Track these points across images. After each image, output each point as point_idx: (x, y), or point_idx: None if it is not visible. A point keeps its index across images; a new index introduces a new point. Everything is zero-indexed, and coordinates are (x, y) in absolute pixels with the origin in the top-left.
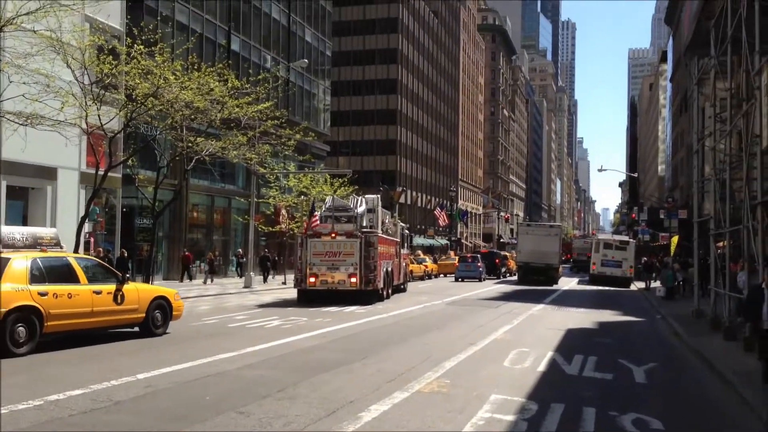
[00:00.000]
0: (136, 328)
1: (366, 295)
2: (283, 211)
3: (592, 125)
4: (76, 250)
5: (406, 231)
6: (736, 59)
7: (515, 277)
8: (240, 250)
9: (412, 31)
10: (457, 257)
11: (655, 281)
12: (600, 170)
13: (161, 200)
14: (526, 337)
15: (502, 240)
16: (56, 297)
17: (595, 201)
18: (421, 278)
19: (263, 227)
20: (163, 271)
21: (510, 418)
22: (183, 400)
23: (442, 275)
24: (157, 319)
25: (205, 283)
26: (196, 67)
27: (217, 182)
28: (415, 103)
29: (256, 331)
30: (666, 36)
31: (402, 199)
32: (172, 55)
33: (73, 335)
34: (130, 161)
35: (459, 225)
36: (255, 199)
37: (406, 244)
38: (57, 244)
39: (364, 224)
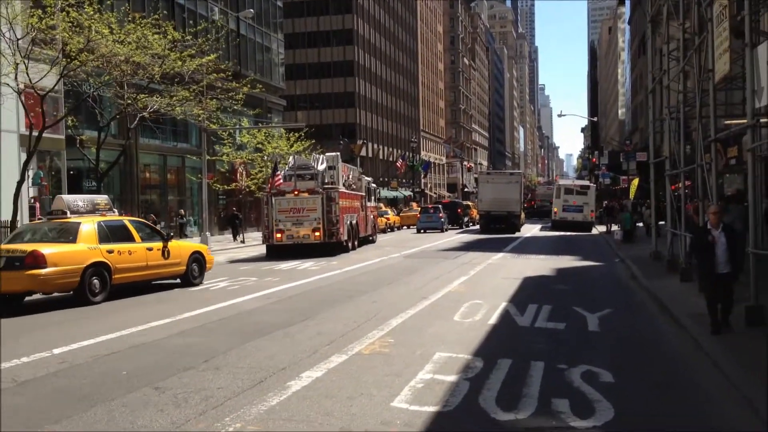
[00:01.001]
0: (178, 280)
1: (330, 247)
2: (240, 168)
3: (553, 71)
4: (14, 216)
5: (373, 185)
6: None
7: (478, 227)
8: (181, 210)
9: None
10: (419, 208)
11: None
12: (560, 115)
13: (108, 161)
14: (482, 288)
15: (466, 189)
16: (120, 254)
17: (559, 147)
18: (384, 231)
19: (218, 185)
20: None
21: (452, 378)
22: (95, 377)
23: (405, 227)
24: (194, 271)
25: None
26: (130, 19)
27: (169, 141)
28: (373, 54)
29: (199, 294)
30: None
31: (363, 152)
32: (101, 6)
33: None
34: (70, 121)
35: (423, 176)
36: (207, 157)
37: (373, 198)
38: (110, 209)
39: (326, 181)
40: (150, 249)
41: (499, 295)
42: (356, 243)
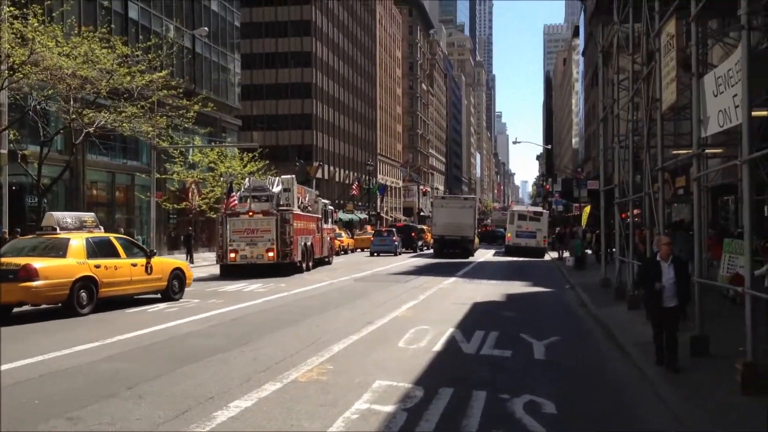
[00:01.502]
0: (159, 295)
1: (284, 268)
2: (192, 187)
3: (510, 99)
4: None
5: (330, 207)
6: (638, 27)
7: (432, 251)
8: (121, 228)
9: (326, 2)
10: (373, 231)
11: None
12: (515, 142)
13: (52, 177)
14: (429, 314)
15: (422, 213)
16: (106, 269)
17: (514, 174)
18: (337, 253)
19: (167, 204)
20: None
21: (389, 408)
22: (5, 406)
23: (359, 249)
24: (175, 286)
25: None
26: (75, 32)
27: (118, 158)
28: (331, 76)
29: (135, 316)
30: (579, 11)
31: (319, 174)
32: (48, 18)
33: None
34: (12, 135)
35: (379, 199)
36: (157, 175)
37: (330, 220)
38: (97, 226)
39: (281, 203)
40: (134, 264)
41: (447, 320)
42: (311, 264)
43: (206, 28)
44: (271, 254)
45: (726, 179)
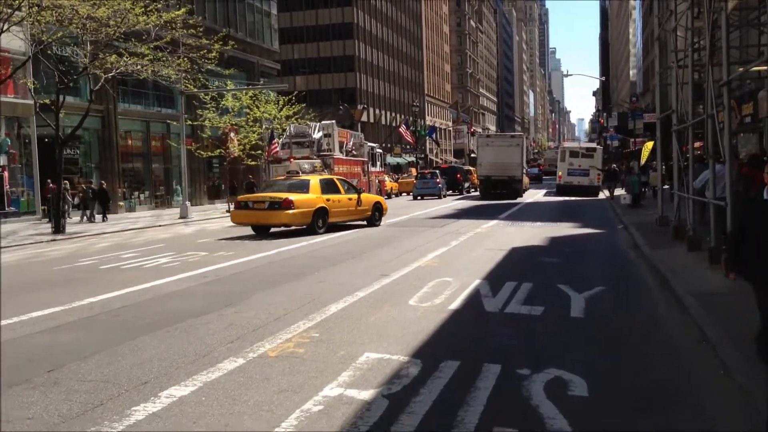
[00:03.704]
0: (365, 222)
1: None
2: (232, 135)
3: (564, 34)
4: None
5: (378, 150)
6: None
7: (479, 193)
8: (91, 181)
9: None
10: (417, 174)
11: (618, 188)
12: (565, 75)
13: (86, 128)
14: (457, 262)
15: (473, 155)
16: (332, 202)
17: (570, 111)
18: None
19: (201, 152)
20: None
21: (367, 395)
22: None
23: (404, 193)
24: (376, 215)
25: (83, 220)
26: None
27: (151, 106)
28: (374, 15)
29: (126, 273)
30: None
31: (365, 118)
32: None
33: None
34: (30, 84)
35: (428, 142)
36: (189, 122)
37: (378, 163)
38: (323, 170)
39: (323, 148)
40: (350, 199)
41: (475, 270)
42: None
43: None
44: None
45: None
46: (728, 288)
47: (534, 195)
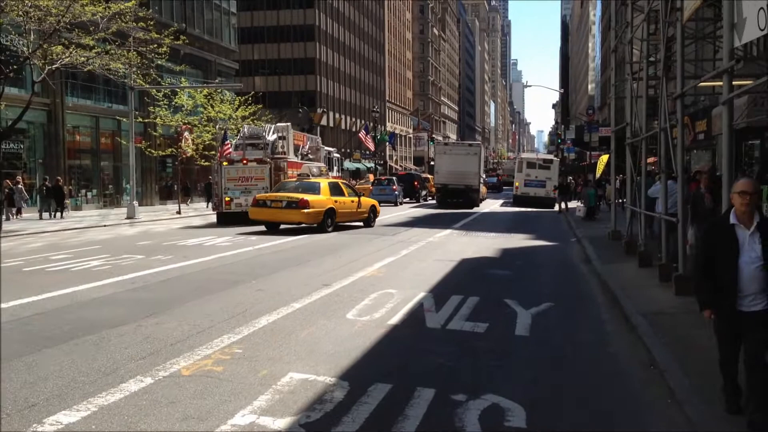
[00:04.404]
0: (361, 223)
1: None
2: (186, 134)
3: (526, 46)
4: None
5: (336, 155)
6: None
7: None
8: (59, 178)
9: None
10: (373, 180)
11: (571, 201)
12: (526, 86)
13: (31, 121)
14: (404, 273)
15: (432, 163)
16: (339, 203)
17: (530, 123)
18: None
19: (151, 151)
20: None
21: (280, 424)
22: None
23: None
24: (371, 217)
25: (7, 218)
26: None
27: (101, 101)
28: (336, 18)
29: (51, 276)
30: None
31: (324, 122)
32: None
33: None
34: None
35: (387, 148)
36: (138, 119)
37: (335, 168)
38: (327, 173)
39: (278, 151)
40: (353, 201)
41: (421, 282)
42: None
43: None
44: None
45: (752, 119)
46: (677, 307)
47: (491, 205)
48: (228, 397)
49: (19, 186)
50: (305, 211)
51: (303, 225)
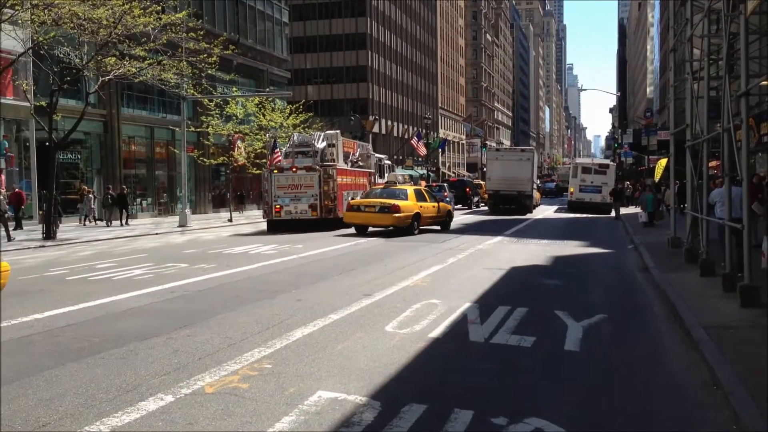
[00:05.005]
0: (438, 227)
1: (328, 223)
2: (238, 142)
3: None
4: None
5: (387, 162)
6: None
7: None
8: (123, 186)
9: None
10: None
11: (626, 207)
12: (581, 90)
13: (85, 131)
14: (450, 282)
15: (485, 169)
16: (423, 208)
17: (586, 128)
18: None
19: (204, 160)
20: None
21: None
22: None
23: None
24: (447, 221)
25: (83, 223)
26: None
27: (156, 112)
28: (387, 26)
29: (91, 285)
30: None
31: (377, 129)
32: None
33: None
34: (24, 86)
35: (440, 154)
36: (190, 129)
37: (386, 175)
38: (408, 182)
39: (327, 158)
40: (433, 206)
41: (467, 292)
42: None
43: None
44: (314, 210)
45: None
46: (743, 320)
47: (545, 211)
48: (249, 418)
49: (90, 195)
50: (397, 215)
51: (391, 227)
